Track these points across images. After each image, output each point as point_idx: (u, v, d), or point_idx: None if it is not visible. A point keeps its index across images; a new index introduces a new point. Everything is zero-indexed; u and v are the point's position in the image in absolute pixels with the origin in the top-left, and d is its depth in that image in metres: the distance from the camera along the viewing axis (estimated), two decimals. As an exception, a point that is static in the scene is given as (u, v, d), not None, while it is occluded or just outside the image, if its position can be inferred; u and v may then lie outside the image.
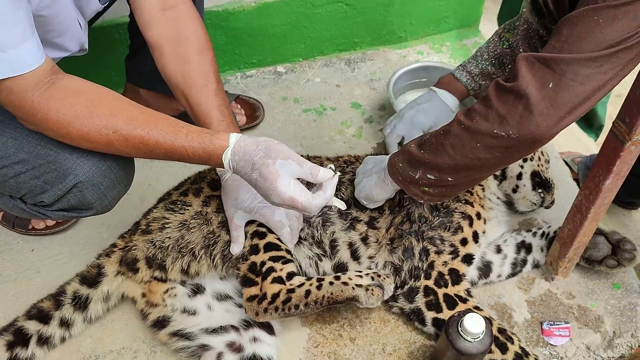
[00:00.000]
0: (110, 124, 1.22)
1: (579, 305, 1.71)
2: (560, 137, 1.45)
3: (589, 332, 1.66)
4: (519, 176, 1.79)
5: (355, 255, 1.65)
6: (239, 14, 2.20)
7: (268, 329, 1.54)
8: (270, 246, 1.52)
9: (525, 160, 1.79)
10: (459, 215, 1.64)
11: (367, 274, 1.52)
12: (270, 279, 1.48)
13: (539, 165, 1.80)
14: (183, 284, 1.57)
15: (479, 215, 1.67)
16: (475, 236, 1.65)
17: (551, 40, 1.22)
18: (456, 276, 1.58)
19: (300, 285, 1.48)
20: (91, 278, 1.56)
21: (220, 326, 1.52)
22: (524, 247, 1.76)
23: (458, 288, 1.57)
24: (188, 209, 1.60)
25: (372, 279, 1.51)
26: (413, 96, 2.23)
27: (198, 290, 1.57)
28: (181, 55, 1.45)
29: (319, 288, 1.46)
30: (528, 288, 1.74)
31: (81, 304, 1.54)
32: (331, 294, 1.45)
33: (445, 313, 1.53)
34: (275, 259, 1.51)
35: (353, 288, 1.46)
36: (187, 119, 1.40)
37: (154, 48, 1.48)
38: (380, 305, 1.66)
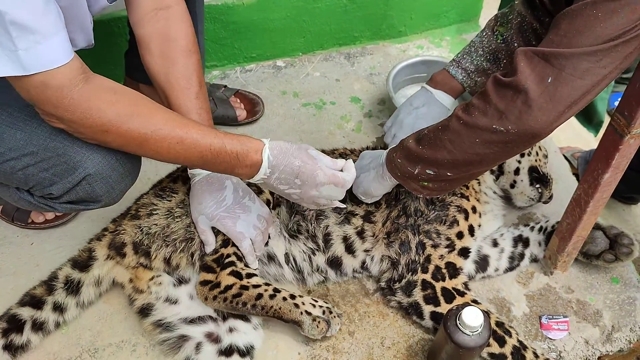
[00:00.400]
0: (149, 124, 1.24)
1: (578, 299, 1.72)
2: (559, 132, 1.45)
3: (588, 327, 1.66)
4: (517, 171, 1.78)
5: (350, 249, 1.65)
6: (239, 8, 2.20)
7: (243, 317, 1.55)
8: None
9: (522, 155, 1.78)
10: (455, 208, 1.64)
11: (322, 307, 1.53)
12: (228, 271, 1.51)
13: (536, 160, 1.79)
14: (169, 273, 1.58)
15: (474, 209, 1.67)
16: (471, 230, 1.65)
17: (550, 34, 1.21)
18: (453, 270, 1.59)
19: (256, 286, 1.50)
20: (82, 262, 1.57)
21: (199, 316, 1.53)
22: (522, 241, 1.77)
23: (456, 281, 1.58)
24: (175, 196, 1.61)
25: (324, 312, 1.52)
26: (412, 91, 2.22)
27: (182, 280, 1.59)
28: (167, 56, 1.47)
29: (272, 298, 1.49)
30: (527, 282, 1.75)
31: (73, 288, 1.54)
32: (280, 308, 1.48)
33: (443, 306, 1.53)
34: (240, 257, 1.55)
35: (301, 313, 1.48)
36: None
37: (141, 44, 1.49)
38: (379, 299, 1.67)
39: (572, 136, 2.62)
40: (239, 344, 1.50)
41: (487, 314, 1.50)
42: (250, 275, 1.54)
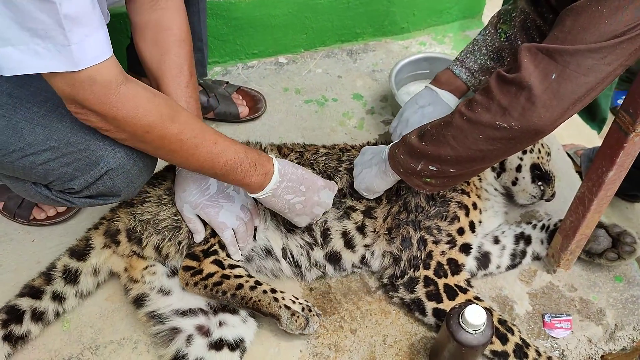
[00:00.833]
0: (187, 130, 1.28)
1: (581, 297, 1.71)
2: (562, 130, 1.44)
3: (591, 325, 1.65)
4: (518, 168, 1.78)
5: (349, 244, 1.65)
6: (241, 4, 2.19)
7: (231, 309, 1.55)
8: None
9: (524, 152, 1.78)
10: (456, 204, 1.64)
11: (301, 304, 1.53)
12: (211, 259, 1.53)
13: (539, 158, 1.79)
14: (162, 262, 1.59)
15: (475, 205, 1.67)
16: (472, 226, 1.65)
17: (554, 30, 1.21)
18: (455, 266, 1.58)
19: (238, 277, 1.51)
20: (80, 251, 1.58)
21: (190, 308, 1.53)
22: (523, 239, 1.76)
23: (458, 278, 1.57)
24: (164, 183, 1.63)
25: (303, 309, 1.51)
26: (415, 87, 2.22)
27: (176, 271, 1.59)
28: (160, 44, 1.47)
29: (252, 289, 1.49)
30: (530, 280, 1.74)
31: (71, 277, 1.55)
32: (259, 300, 1.48)
33: (446, 303, 1.53)
34: (224, 246, 1.56)
35: (280, 307, 1.48)
36: None
37: (136, 31, 1.49)
38: (381, 297, 1.67)
39: (575, 133, 2.61)
40: (229, 338, 1.51)
41: (490, 312, 1.50)
42: (233, 267, 1.55)
